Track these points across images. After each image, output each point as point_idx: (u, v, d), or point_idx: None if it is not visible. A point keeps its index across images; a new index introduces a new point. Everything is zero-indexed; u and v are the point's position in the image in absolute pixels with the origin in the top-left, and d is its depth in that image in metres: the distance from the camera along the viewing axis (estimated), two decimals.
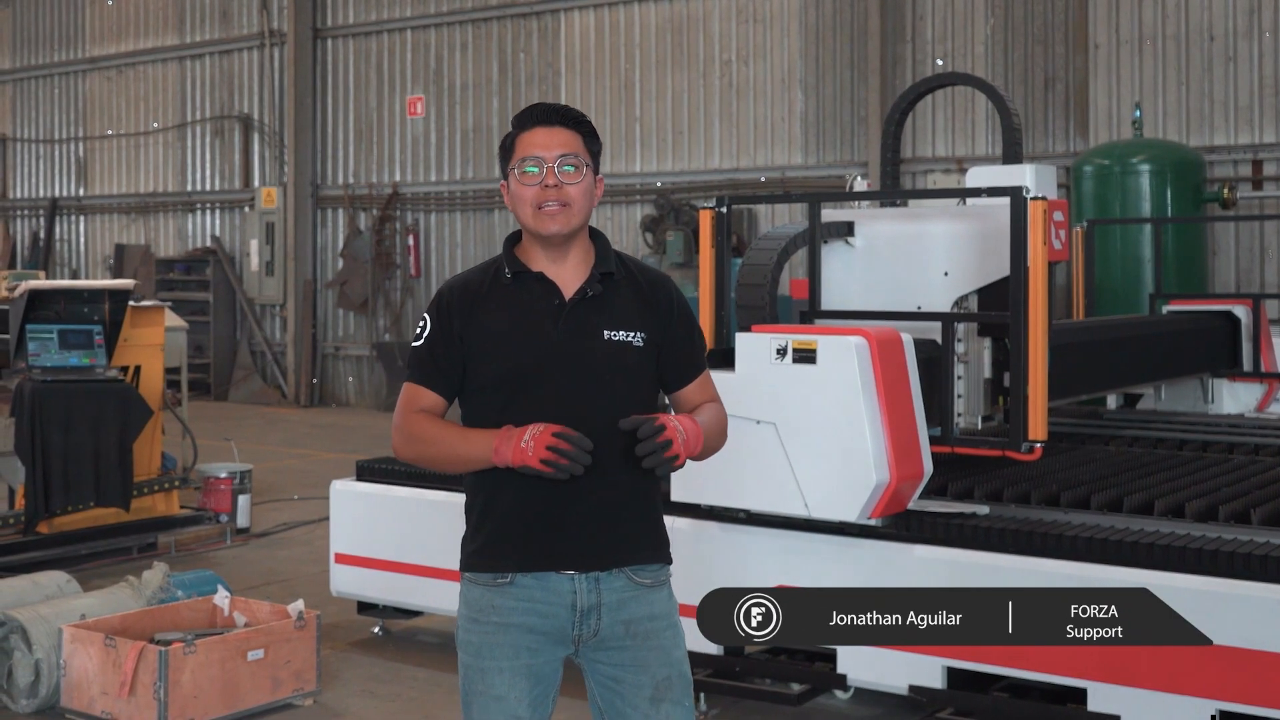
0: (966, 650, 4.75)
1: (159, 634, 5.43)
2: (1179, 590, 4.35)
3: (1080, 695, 4.63)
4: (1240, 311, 8.66)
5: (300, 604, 5.55)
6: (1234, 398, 8.59)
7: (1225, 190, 11.12)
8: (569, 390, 2.86)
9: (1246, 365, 8.58)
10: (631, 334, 2.92)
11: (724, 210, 5.69)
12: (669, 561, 3.03)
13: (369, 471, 6.48)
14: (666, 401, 3.12)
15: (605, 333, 2.91)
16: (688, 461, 2.84)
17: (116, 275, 18.88)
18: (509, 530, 2.90)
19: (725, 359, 5.25)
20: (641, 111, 15.34)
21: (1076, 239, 9.28)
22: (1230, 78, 12.07)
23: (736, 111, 14.71)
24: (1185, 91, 12.24)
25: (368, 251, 17.13)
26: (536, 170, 2.89)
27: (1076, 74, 12.90)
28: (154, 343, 8.38)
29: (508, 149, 2.97)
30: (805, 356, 4.96)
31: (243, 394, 17.86)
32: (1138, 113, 11.57)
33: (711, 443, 2.99)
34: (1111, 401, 8.75)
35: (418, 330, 2.98)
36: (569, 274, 2.95)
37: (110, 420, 7.60)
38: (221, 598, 5.72)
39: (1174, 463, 6.20)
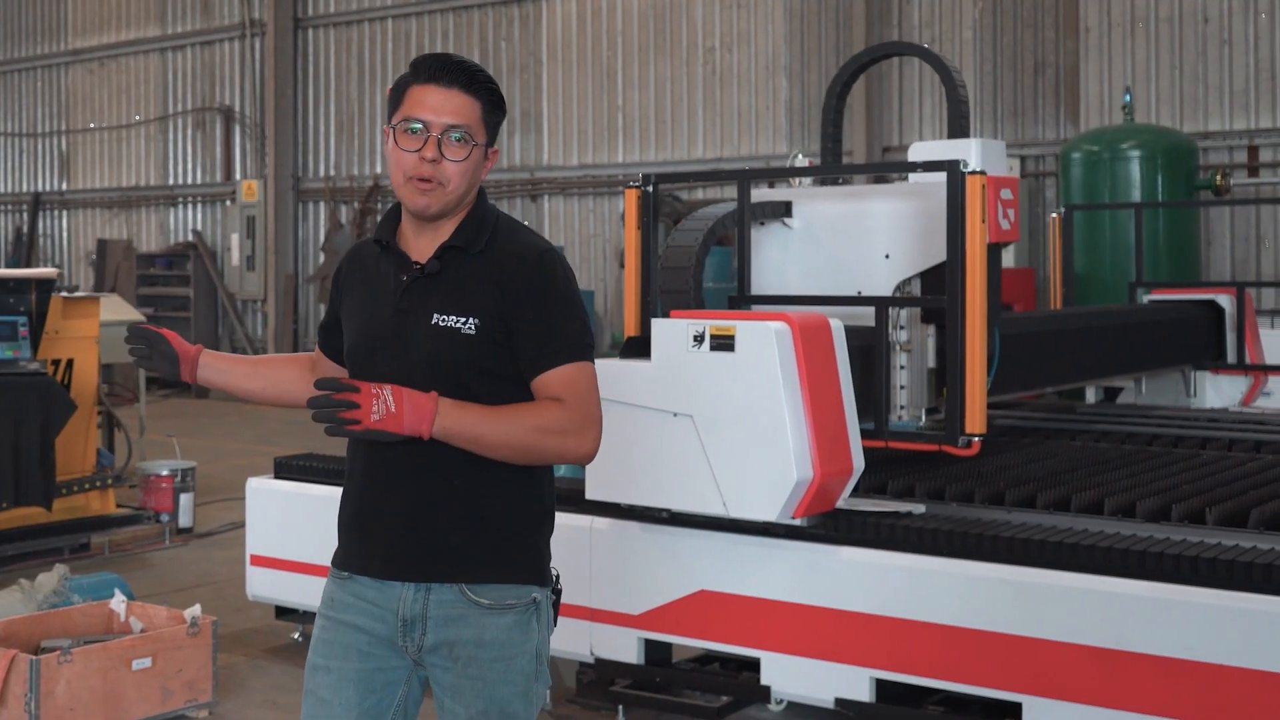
0: (894, 661, 4.39)
1: (46, 640, 5.10)
2: (1114, 596, 3.99)
3: (1016, 710, 4.26)
4: (1224, 301, 8.24)
5: (197, 609, 5.20)
6: (1218, 391, 8.17)
7: (1218, 177, 10.71)
8: (393, 374, 2.55)
9: (1231, 357, 8.15)
10: (463, 319, 2.54)
11: (650, 190, 5.33)
12: (520, 582, 2.59)
13: (288, 469, 6.13)
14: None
15: (434, 316, 2.56)
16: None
17: (99, 271, 18.62)
18: (340, 526, 2.72)
19: (643, 347, 4.89)
20: (624, 100, 14.97)
21: (1054, 226, 8.90)
22: (1225, 61, 11.66)
23: (720, 99, 14.34)
24: (1179, 75, 11.84)
25: (349, 245, 16.78)
26: (417, 136, 2.54)
27: (1067, 58, 12.49)
28: (88, 335, 8.02)
29: (398, 96, 2.60)
30: (723, 344, 4.59)
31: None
32: (1127, 97, 11.15)
33: (496, 436, 2.49)
34: (1091, 395, 8.36)
35: None
36: (426, 247, 2.64)
37: (31, 415, 7.25)
38: (118, 602, 5.37)
39: (1138, 459, 5.80)
